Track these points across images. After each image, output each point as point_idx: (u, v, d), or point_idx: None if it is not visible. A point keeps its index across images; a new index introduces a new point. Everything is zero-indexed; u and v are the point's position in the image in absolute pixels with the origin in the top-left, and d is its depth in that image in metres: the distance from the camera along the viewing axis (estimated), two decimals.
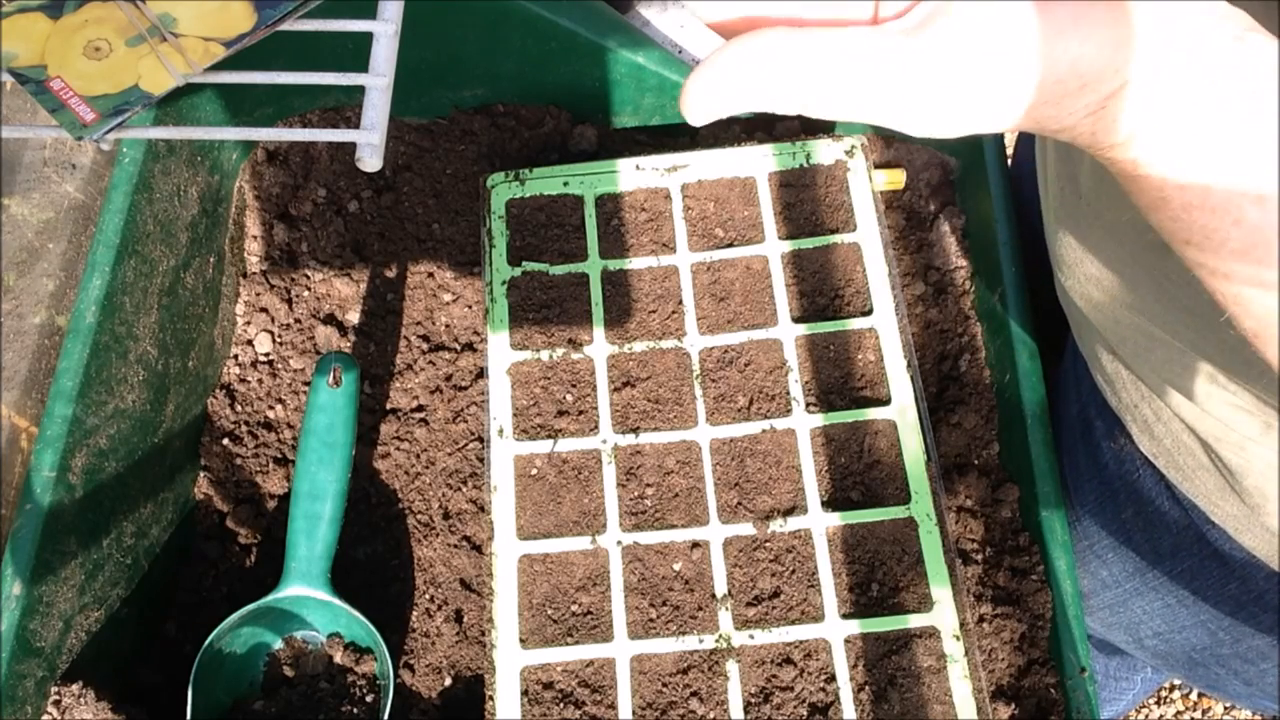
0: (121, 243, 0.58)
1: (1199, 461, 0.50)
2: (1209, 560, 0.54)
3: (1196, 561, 0.55)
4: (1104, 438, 0.58)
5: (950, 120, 0.28)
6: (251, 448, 0.66)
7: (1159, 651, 0.64)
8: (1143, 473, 0.56)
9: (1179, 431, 0.50)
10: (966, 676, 0.53)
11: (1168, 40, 0.26)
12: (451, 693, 0.59)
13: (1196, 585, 0.56)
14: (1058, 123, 0.28)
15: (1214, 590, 0.55)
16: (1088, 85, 0.26)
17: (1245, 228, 0.27)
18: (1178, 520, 0.54)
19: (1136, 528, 0.58)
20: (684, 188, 0.66)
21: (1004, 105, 0.27)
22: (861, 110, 0.28)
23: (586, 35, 0.67)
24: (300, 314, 0.69)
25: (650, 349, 0.62)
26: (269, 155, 0.73)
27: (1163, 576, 0.58)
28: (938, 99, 0.27)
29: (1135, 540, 0.59)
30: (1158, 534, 0.57)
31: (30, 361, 0.60)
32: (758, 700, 0.53)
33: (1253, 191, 0.26)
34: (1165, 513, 0.55)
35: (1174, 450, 0.51)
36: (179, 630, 0.61)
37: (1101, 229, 0.48)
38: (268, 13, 0.38)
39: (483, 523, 0.62)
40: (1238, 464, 0.47)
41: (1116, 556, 0.61)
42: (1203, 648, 0.60)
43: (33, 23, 0.38)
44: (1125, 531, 0.59)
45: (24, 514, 0.52)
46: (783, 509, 0.57)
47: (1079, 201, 0.50)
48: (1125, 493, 0.58)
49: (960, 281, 0.67)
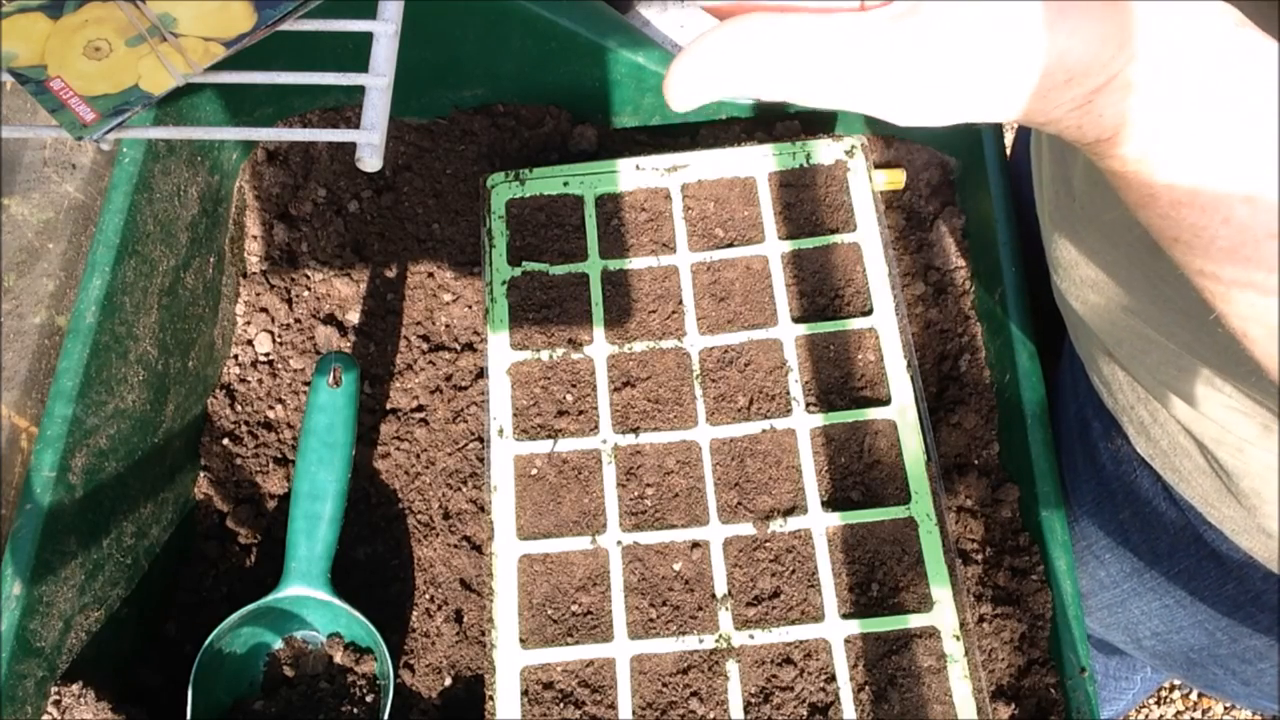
0: (121, 243, 0.58)
1: (1196, 464, 0.50)
2: (1206, 561, 0.54)
3: (1194, 562, 0.55)
4: (1101, 438, 0.58)
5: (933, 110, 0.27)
6: (251, 448, 0.66)
7: (1157, 652, 0.64)
8: (1140, 474, 0.56)
9: (1176, 433, 0.50)
10: (966, 676, 0.53)
11: (1157, 36, 0.26)
12: (451, 693, 0.59)
13: (1194, 586, 0.56)
14: (1044, 115, 0.27)
15: (1211, 591, 0.55)
16: (1074, 79, 0.26)
17: (1234, 226, 0.27)
18: (1175, 521, 0.54)
19: (1134, 528, 0.58)
20: (684, 188, 0.66)
21: (987, 96, 0.27)
22: (843, 97, 0.28)
23: (586, 35, 0.67)
24: (300, 314, 0.69)
25: (650, 349, 0.62)
26: (269, 155, 0.73)
27: (1160, 577, 0.58)
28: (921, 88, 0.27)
29: (1133, 541, 0.59)
30: (1155, 535, 0.57)
31: (30, 361, 0.60)
32: (758, 700, 0.53)
33: (1241, 190, 0.26)
34: (1162, 513, 0.55)
35: (1171, 452, 0.51)
36: (179, 630, 0.61)
37: (1096, 231, 0.48)
38: (268, 13, 0.38)
39: (483, 523, 0.62)
40: (1235, 466, 0.47)
41: (1114, 557, 0.61)
42: (1200, 648, 0.60)
43: (33, 23, 0.38)
44: (1123, 532, 0.59)
45: (24, 514, 0.52)
46: (783, 509, 0.57)
47: (1073, 204, 0.50)
48: (1122, 493, 0.58)
49: (960, 281, 0.67)
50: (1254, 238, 0.26)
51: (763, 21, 0.27)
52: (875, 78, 0.27)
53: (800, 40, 0.27)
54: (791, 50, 0.27)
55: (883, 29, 0.26)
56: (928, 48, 0.26)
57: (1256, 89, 0.26)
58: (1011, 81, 0.26)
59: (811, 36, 0.27)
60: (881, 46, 0.26)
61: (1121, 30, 0.25)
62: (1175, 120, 0.26)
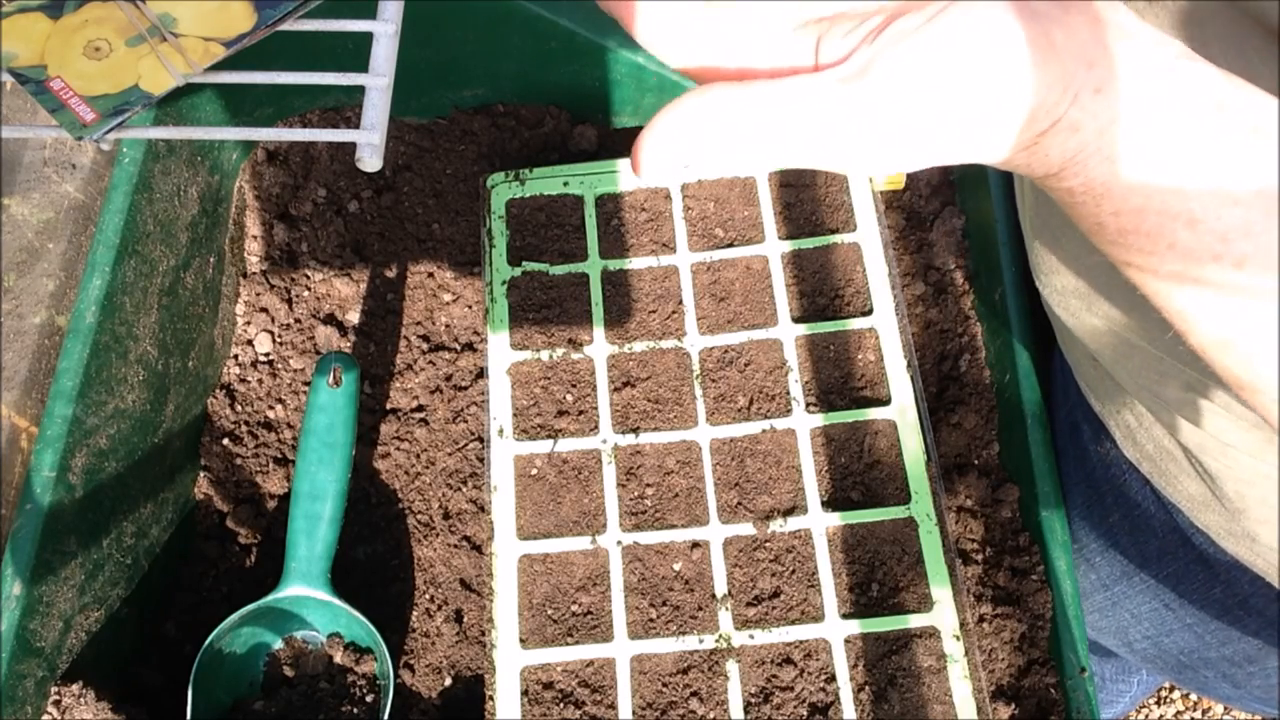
0: (121, 243, 0.58)
1: (1181, 467, 0.50)
2: (1194, 564, 0.54)
3: (1182, 565, 0.55)
4: (1090, 442, 0.58)
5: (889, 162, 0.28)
6: (251, 448, 0.66)
7: (1149, 655, 0.64)
8: (1129, 477, 0.56)
9: (1161, 438, 0.50)
10: (966, 676, 0.53)
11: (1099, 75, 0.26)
12: (451, 693, 0.59)
13: (1182, 589, 0.56)
14: (991, 157, 0.28)
15: (1199, 594, 0.55)
16: (1022, 127, 0.27)
17: (1178, 250, 0.27)
18: (1163, 524, 0.54)
19: (1123, 531, 0.58)
20: (684, 188, 0.66)
21: (940, 149, 0.28)
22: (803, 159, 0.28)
23: (586, 35, 0.67)
24: (300, 314, 0.69)
25: (650, 349, 0.62)
26: (269, 155, 0.73)
27: (1150, 580, 0.58)
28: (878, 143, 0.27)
29: (1122, 544, 0.59)
30: (1144, 538, 0.57)
31: (30, 361, 0.60)
32: (758, 700, 0.53)
33: (1184, 215, 0.27)
34: (1151, 516, 0.55)
35: (1157, 456, 0.51)
36: (179, 630, 0.61)
37: (1075, 238, 0.48)
38: (268, 13, 0.38)
39: (483, 523, 0.62)
40: (1218, 470, 0.47)
41: (1105, 560, 0.61)
42: (1190, 651, 0.60)
43: (33, 23, 0.38)
44: (1113, 535, 0.59)
45: (24, 514, 0.52)
46: (783, 509, 0.57)
47: (1051, 211, 0.50)
48: (1112, 496, 0.58)
49: (960, 281, 0.67)
50: (1198, 260, 0.27)
51: (723, 91, 0.28)
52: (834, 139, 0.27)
53: (760, 106, 0.27)
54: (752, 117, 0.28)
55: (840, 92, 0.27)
56: (882, 107, 0.27)
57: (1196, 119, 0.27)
58: (958, 134, 0.27)
59: (770, 102, 0.27)
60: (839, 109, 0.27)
61: (1066, 75, 0.26)
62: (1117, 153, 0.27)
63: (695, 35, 0.29)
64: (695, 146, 0.28)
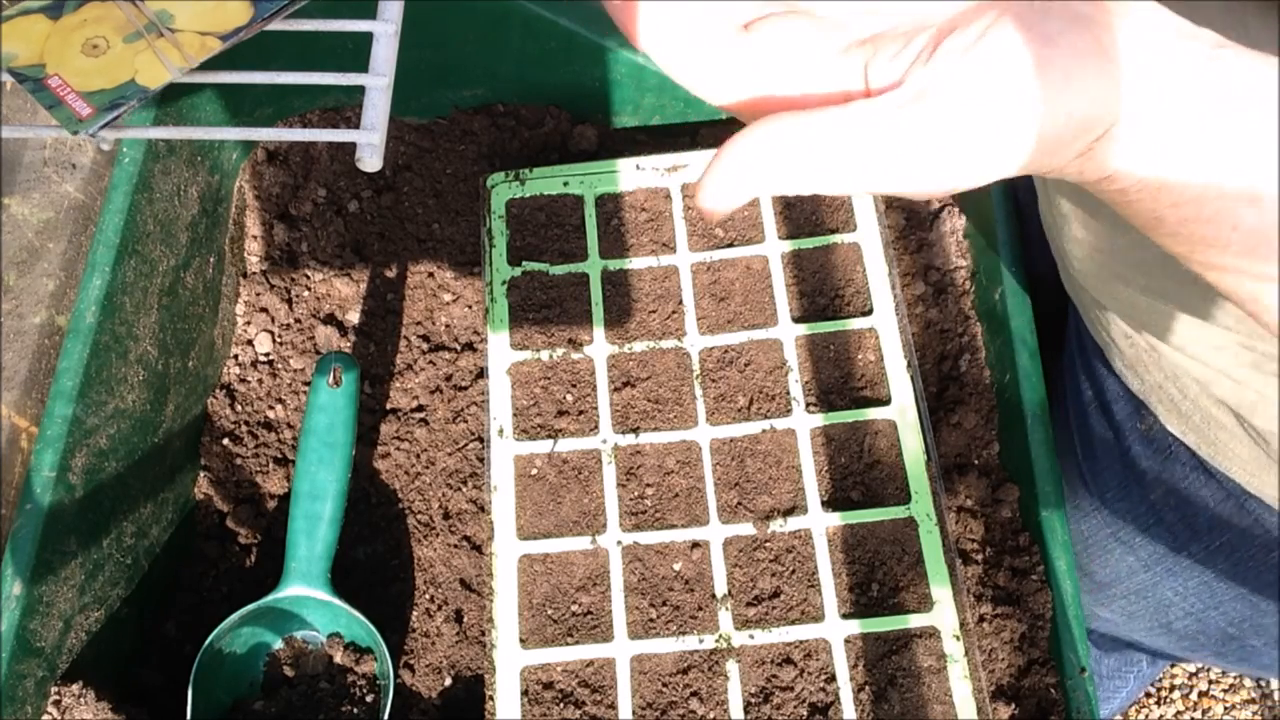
0: (121, 243, 0.58)
1: (1231, 434, 0.50)
2: (1250, 531, 0.54)
3: (1236, 534, 0.55)
4: (1128, 421, 0.58)
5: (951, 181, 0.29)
6: (251, 448, 0.66)
7: (1189, 632, 0.64)
8: (1175, 449, 0.56)
9: (1208, 406, 0.50)
10: (966, 676, 0.53)
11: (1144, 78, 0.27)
12: (451, 693, 0.59)
13: (1237, 558, 0.56)
14: (1048, 167, 0.29)
15: (1257, 560, 0.55)
16: (1079, 135, 0.27)
17: (1244, 230, 0.28)
18: (1214, 495, 0.54)
19: (1168, 508, 0.58)
20: (684, 187, 0.66)
21: (1003, 163, 0.28)
22: (869, 185, 0.29)
23: (586, 35, 0.67)
24: (300, 314, 0.69)
25: (650, 349, 0.62)
26: (269, 155, 0.73)
27: (1200, 552, 0.58)
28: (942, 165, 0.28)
29: (1168, 520, 0.59)
30: (1193, 511, 0.57)
31: (30, 361, 0.60)
32: (758, 700, 0.53)
33: (1246, 194, 0.27)
34: (1200, 488, 0.55)
35: (1204, 425, 0.51)
36: (179, 630, 0.61)
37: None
38: (264, 5, 0.38)
39: (483, 523, 0.62)
40: (1269, 429, 0.47)
41: (1145, 540, 0.61)
42: (1241, 620, 0.60)
43: (33, 24, 0.38)
44: (1155, 513, 0.59)
45: (24, 514, 0.52)
46: (783, 509, 0.57)
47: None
48: (1154, 474, 0.58)
49: (960, 281, 0.67)
50: (1266, 236, 0.28)
51: (790, 121, 0.28)
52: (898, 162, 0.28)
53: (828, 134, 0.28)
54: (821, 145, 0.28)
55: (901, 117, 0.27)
56: (946, 130, 0.27)
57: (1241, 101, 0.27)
58: (1025, 149, 0.27)
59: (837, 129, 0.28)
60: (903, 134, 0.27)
61: (1117, 82, 0.27)
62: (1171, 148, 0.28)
63: (740, 72, 0.30)
64: (766, 177, 0.29)
